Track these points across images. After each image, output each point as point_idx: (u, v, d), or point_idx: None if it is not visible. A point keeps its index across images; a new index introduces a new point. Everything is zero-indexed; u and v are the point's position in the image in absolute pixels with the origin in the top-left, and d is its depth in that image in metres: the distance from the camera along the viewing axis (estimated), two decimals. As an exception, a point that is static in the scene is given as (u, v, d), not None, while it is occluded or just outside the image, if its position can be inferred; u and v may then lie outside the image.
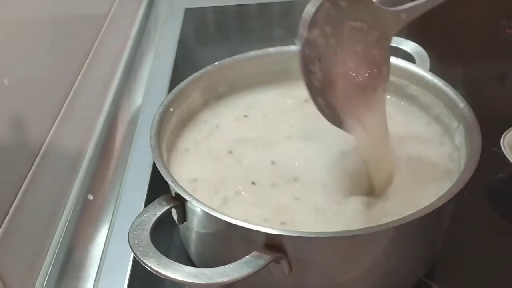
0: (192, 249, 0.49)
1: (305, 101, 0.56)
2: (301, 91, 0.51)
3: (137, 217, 0.42)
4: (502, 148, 0.55)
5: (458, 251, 0.50)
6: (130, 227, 0.41)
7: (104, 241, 0.54)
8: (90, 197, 0.59)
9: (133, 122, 0.71)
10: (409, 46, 0.62)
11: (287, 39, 0.81)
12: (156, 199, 0.44)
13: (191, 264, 0.49)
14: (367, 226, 0.40)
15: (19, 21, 0.50)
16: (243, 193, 0.48)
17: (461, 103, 0.50)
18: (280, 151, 0.52)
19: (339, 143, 0.51)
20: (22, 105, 0.49)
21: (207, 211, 0.41)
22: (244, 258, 0.39)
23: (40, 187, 0.50)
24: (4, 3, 0.47)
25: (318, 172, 0.49)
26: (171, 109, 0.52)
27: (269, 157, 0.51)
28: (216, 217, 0.41)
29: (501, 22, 0.83)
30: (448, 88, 0.52)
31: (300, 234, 0.39)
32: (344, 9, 0.44)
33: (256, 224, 0.40)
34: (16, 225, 0.45)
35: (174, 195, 0.44)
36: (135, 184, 0.60)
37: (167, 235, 0.53)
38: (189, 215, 0.45)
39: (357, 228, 0.39)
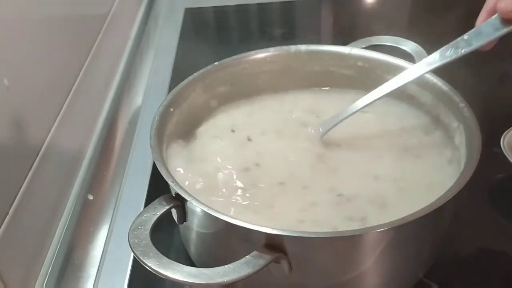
0: (192, 249, 0.49)
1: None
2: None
3: (137, 217, 0.42)
4: (502, 148, 0.55)
5: (458, 251, 0.50)
6: (130, 227, 0.41)
7: (104, 241, 0.54)
8: (90, 197, 0.59)
9: (133, 122, 0.71)
10: (409, 46, 0.62)
11: (287, 39, 0.82)
12: (156, 199, 0.44)
13: (191, 264, 0.49)
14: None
15: (20, 21, 0.50)
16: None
17: (461, 103, 0.50)
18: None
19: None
20: (22, 105, 0.49)
21: (207, 211, 0.41)
22: (244, 258, 0.39)
23: (40, 187, 0.50)
24: (4, 3, 0.47)
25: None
26: (171, 109, 0.52)
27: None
28: (216, 217, 0.41)
29: (501, 22, 0.83)
30: (448, 88, 0.52)
31: (300, 234, 0.39)
32: None
33: (256, 224, 0.40)
34: (16, 225, 0.45)
35: (174, 195, 0.44)
36: (135, 184, 0.60)
37: (167, 235, 0.53)
38: (189, 215, 0.45)
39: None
